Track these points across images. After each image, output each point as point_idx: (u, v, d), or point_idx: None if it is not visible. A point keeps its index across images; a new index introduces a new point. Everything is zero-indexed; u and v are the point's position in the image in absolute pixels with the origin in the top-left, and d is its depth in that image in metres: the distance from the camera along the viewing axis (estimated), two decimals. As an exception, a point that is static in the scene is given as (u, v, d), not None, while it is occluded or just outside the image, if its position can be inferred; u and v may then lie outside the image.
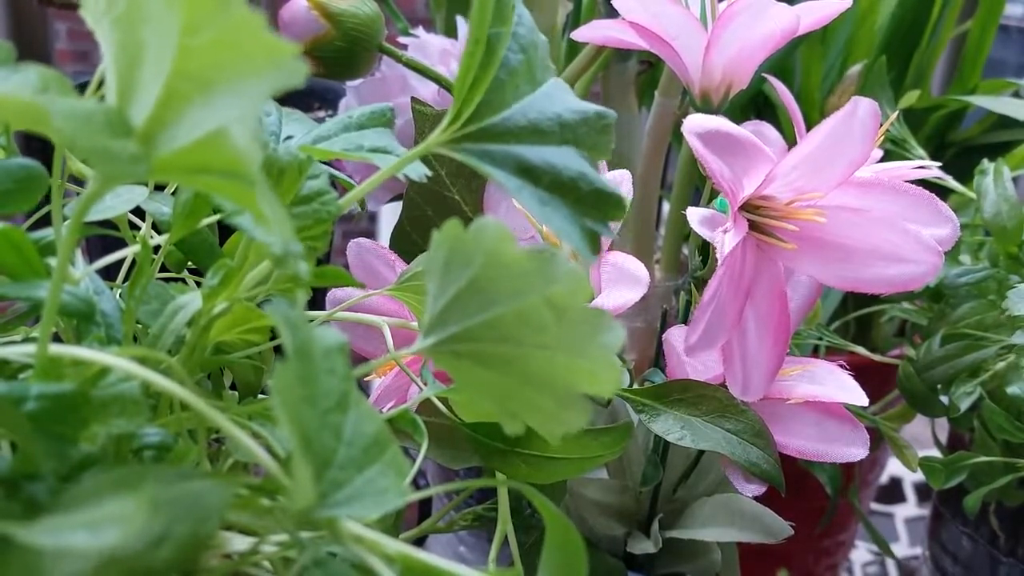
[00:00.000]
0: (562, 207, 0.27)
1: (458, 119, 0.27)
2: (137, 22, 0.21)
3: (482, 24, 0.26)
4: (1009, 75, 0.81)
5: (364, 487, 0.21)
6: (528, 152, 0.27)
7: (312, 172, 0.29)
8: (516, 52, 0.27)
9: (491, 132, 0.27)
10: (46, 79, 0.20)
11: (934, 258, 0.36)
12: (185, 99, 0.20)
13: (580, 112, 0.28)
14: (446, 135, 0.27)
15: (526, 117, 0.27)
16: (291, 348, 0.21)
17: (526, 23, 0.28)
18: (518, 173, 0.26)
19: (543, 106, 0.27)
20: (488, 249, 0.23)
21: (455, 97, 0.27)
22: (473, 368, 0.24)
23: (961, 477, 0.52)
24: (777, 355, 0.38)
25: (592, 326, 0.23)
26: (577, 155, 0.27)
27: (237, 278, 0.27)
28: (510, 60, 0.27)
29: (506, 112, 0.27)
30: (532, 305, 0.23)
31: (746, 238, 0.37)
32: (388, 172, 0.28)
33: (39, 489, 0.19)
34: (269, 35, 0.19)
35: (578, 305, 0.23)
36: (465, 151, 0.27)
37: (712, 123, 0.36)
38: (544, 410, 0.24)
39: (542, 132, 0.27)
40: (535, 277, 0.23)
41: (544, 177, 0.27)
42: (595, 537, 0.45)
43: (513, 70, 0.27)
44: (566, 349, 0.23)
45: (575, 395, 0.24)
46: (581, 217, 0.27)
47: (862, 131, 0.35)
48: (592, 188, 0.27)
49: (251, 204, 0.20)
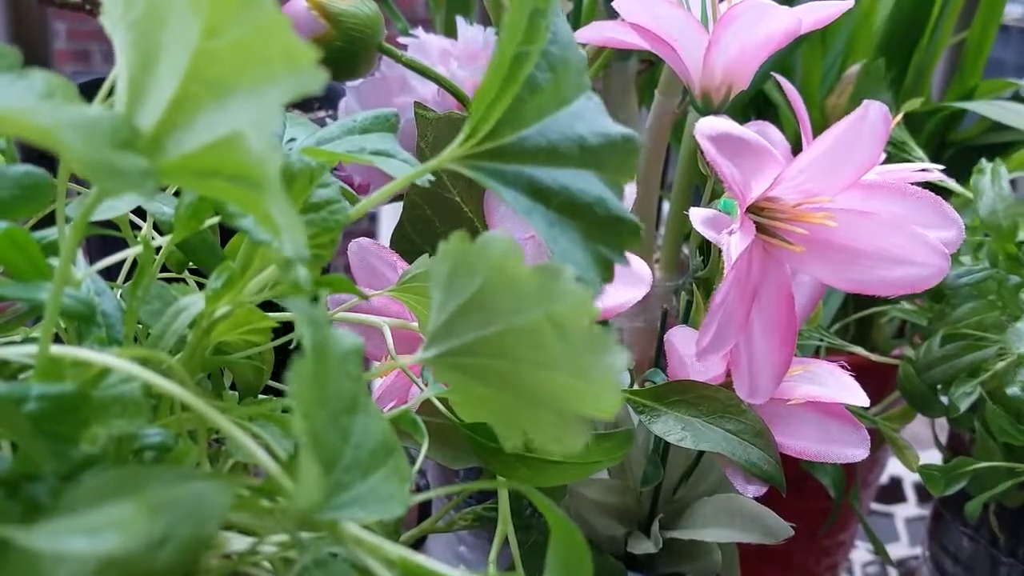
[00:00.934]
0: (571, 231, 0.26)
1: (474, 136, 0.26)
2: (156, 25, 0.20)
3: (511, 43, 0.25)
4: (1009, 75, 0.81)
5: (368, 492, 0.21)
6: (542, 174, 0.26)
7: (323, 181, 0.28)
8: (544, 71, 0.26)
9: (506, 152, 0.26)
10: (51, 85, 0.20)
11: (941, 261, 0.36)
12: (198, 103, 0.20)
13: (604, 135, 0.27)
14: (460, 151, 0.26)
15: (546, 138, 0.26)
16: (309, 346, 0.21)
17: (561, 40, 0.27)
18: (528, 193, 0.26)
19: (567, 126, 0.27)
20: (493, 264, 0.23)
21: (472, 113, 0.26)
22: (473, 383, 0.24)
23: (961, 484, 0.52)
24: (784, 357, 0.38)
25: (595, 347, 0.23)
26: (596, 179, 0.27)
27: (241, 282, 0.27)
28: (536, 79, 0.26)
29: (525, 132, 0.26)
30: (534, 322, 0.23)
31: (753, 241, 0.37)
32: (399, 184, 0.27)
33: (39, 490, 0.19)
34: (292, 39, 0.19)
35: (581, 325, 0.23)
36: (477, 169, 0.26)
37: (724, 126, 0.36)
38: (543, 428, 0.24)
39: (560, 154, 0.26)
40: (539, 294, 0.23)
41: (555, 199, 0.26)
42: (596, 537, 0.45)
43: (538, 89, 0.26)
44: (567, 369, 0.23)
45: (575, 415, 0.23)
46: (593, 243, 0.26)
47: (872, 135, 0.35)
48: (609, 214, 0.26)
49: (259, 209, 0.20)
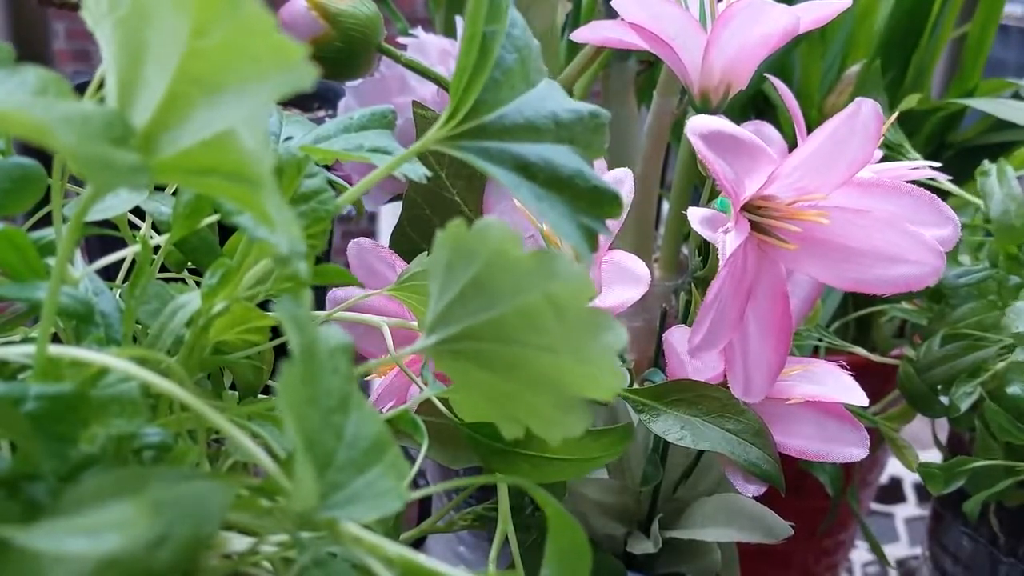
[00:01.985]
0: (559, 203, 0.26)
1: (455, 116, 0.27)
2: (141, 23, 0.20)
3: (476, 21, 0.26)
4: (1009, 75, 0.81)
5: (363, 489, 0.21)
6: (525, 149, 0.27)
7: (309, 171, 0.29)
8: (511, 52, 0.27)
9: (488, 129, 0.27)
10: (44, 81, 0.20)
11: (936, 259, 0.36)
12: (190, 101, 0.20)
13: (575, 111, 0.28)
14: (443, 132, 0.27)
15: (522, 115, 0.27)
16: (297, 348, 0.21)
17: (519, 24, 0.28)
18: (515, 170, 0.26)
19: (538, 105, 0.27)
20: (492, 248, 0.23)
21: (451, 95, 0.27)
22: (473, 369, 0.24)
23: (960, 482, 0.52)
24: (779, 356, 0.38)
25: (593, 327, 0.23)
26: (573, 153, 0.27)
27: (236, 277, 0.27)
28: (505, 59, 0.27)
29: (502, 110, 0.27)
30: (533, 304, 0.23)
31: (748, 238, 0.37)
32: (387, 169, 0.28)
33: (39, 490, 0.19)
34: (279, 37, 0.19)
35: (580, 305, 0.23)
36: (462, 148, 0.27)
37: (715, 124, 0.36)
38: (544, 414, 0.24)
39: (538, 130, 0.27)
40: (537, 275, 0.23)
41: (541, 174, 0.27)
42: (595, 537, 0.45)
43: (508, 69, 0.27)
44: (567, 350, 0.23)
45: (576, 399, 0.24)
46: (578, 214, 0.27)
47: (865, 132, 0.35)
48: (589, 185, 0.27)
49: (255, 205, 0.20)
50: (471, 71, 0.26)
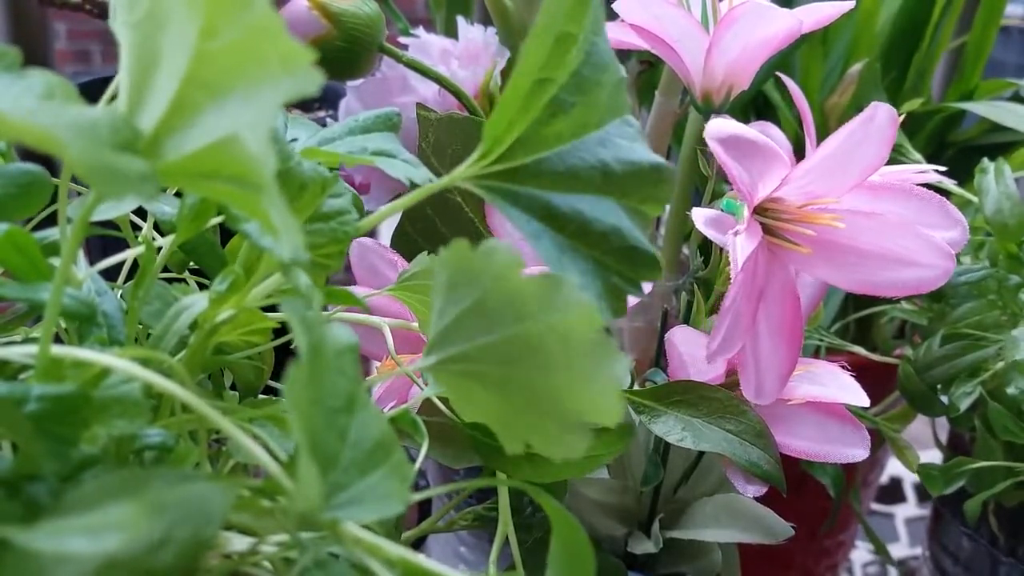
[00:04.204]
0: (582, 260, 0.25)
1: (488, 156, 0.25)
2: (156, 26, 0.20)
3: (530, 69, 0.25)
4: (1009, 75, 0.81)
5: (366, 491, 0.21)
6: (557, 199, 0.26)
7: (336, 191, 0.28)
8: (572, 94, 0.26)
9: (521, 173, 0.26)
10: (51, 86, 0.20)
11: (946, 262, 0.36)
12: (197, 104, 0.20)
13: (631, 163, 0.27)
14: (472, 170, 0.26)
15: (564, 163, 0.26)
16: (305, 348, 0.21)
17: (596, 62, 0.26)
18: (541, 218, 0.25)
19: (589, 151, 0.26)
20: (496, 274, 0.23)
21: (486, 132, 0.25)
22: (475, 389, 0.24)
23: (960, 483, 0.52)
24: (790, 358, 0.38)
25: (598, 356, 0.22)
26: (617, 208, 0.26)
27: (246, 287, 0.27)
28: (563, 102, 0.25)
29: (543, 155, 0.26)
30: (537, 332, 0.23)
31: (759, 242, 0.37)
32: (411, 200, 0.27)
33: (40, 490, 0.19)
34: (289, 41, 0.19)
35: (584, 335, 0.22)
36: (489, 189, 0.25)
37: (734, 128, 0.36)
38: (545, 433, 0.23)
39: (579, 179, 0.26)
40: (540, 306, 0.22)
41: (569, 225, 0.25)
42: (596, 537, 0.45)
43: (561, 112, 0.25)
44: (570, 375, 0.23)
45: (577, 420, 0.23)
46: (607, 272, 0.26)
47: (879, 137, 0.35)
48: (625, 244, 0.26)
49: (257, 210, 0.20)
50: (513, 113, 0.25)
